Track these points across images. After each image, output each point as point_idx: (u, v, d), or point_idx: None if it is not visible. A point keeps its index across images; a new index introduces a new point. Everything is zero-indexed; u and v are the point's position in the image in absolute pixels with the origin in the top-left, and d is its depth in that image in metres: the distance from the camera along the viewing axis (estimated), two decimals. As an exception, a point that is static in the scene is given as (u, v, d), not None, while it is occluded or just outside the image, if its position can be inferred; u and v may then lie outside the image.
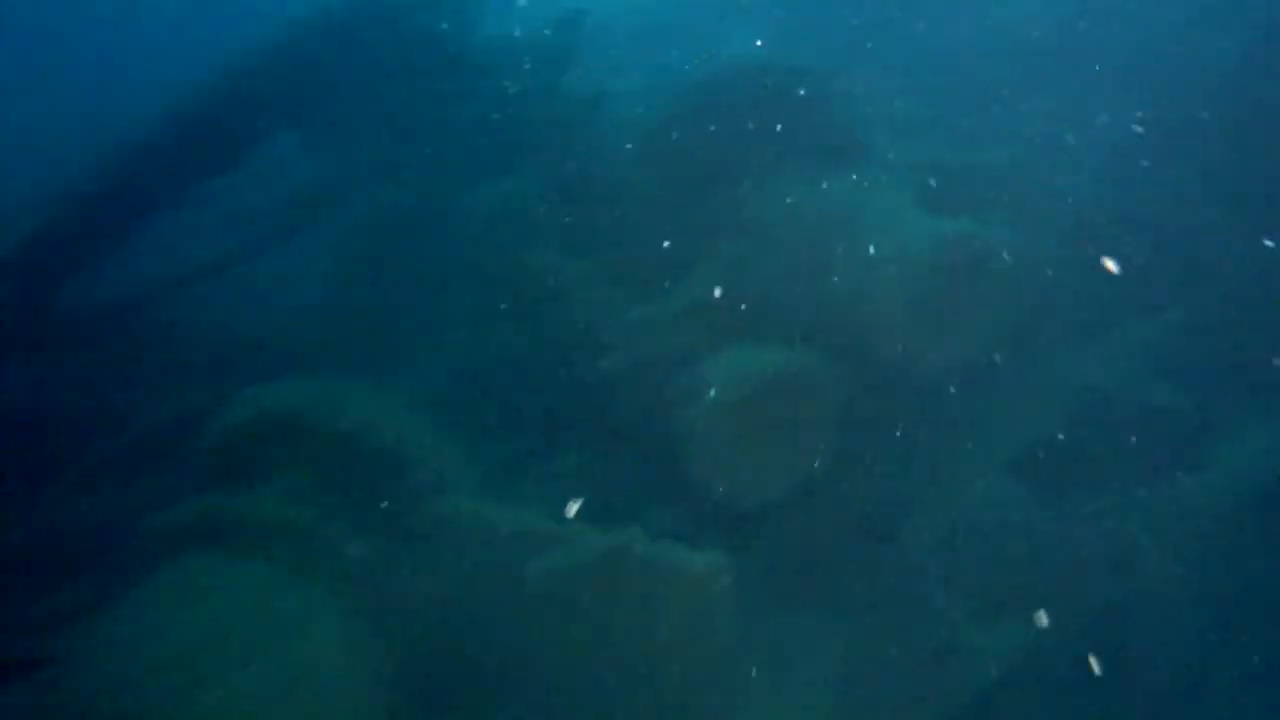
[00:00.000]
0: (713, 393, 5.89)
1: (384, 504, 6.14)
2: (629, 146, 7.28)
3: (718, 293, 6.77)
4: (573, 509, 5.89)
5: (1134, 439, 7.16)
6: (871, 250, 6.57)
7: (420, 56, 10.49)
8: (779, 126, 7.23)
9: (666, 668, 5.42)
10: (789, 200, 6.89)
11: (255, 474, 6.21)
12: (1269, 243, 7.82)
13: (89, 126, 11.37)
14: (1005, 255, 6.66)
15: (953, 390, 6.77)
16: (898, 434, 6.79)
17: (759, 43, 10.43)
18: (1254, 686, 6.90)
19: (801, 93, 7.33)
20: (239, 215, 10.65)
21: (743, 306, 6.75)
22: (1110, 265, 7.33)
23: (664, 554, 5.41)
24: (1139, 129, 8.92)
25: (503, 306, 7.69)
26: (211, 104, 10.38)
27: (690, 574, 5.32)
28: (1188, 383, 7.54)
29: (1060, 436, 7.16)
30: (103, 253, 10.36)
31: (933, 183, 7.65)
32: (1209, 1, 9.42)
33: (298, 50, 10.62)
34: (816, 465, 6.14)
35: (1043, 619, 6.13)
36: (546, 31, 10.17)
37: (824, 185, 6.90)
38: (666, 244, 7.09)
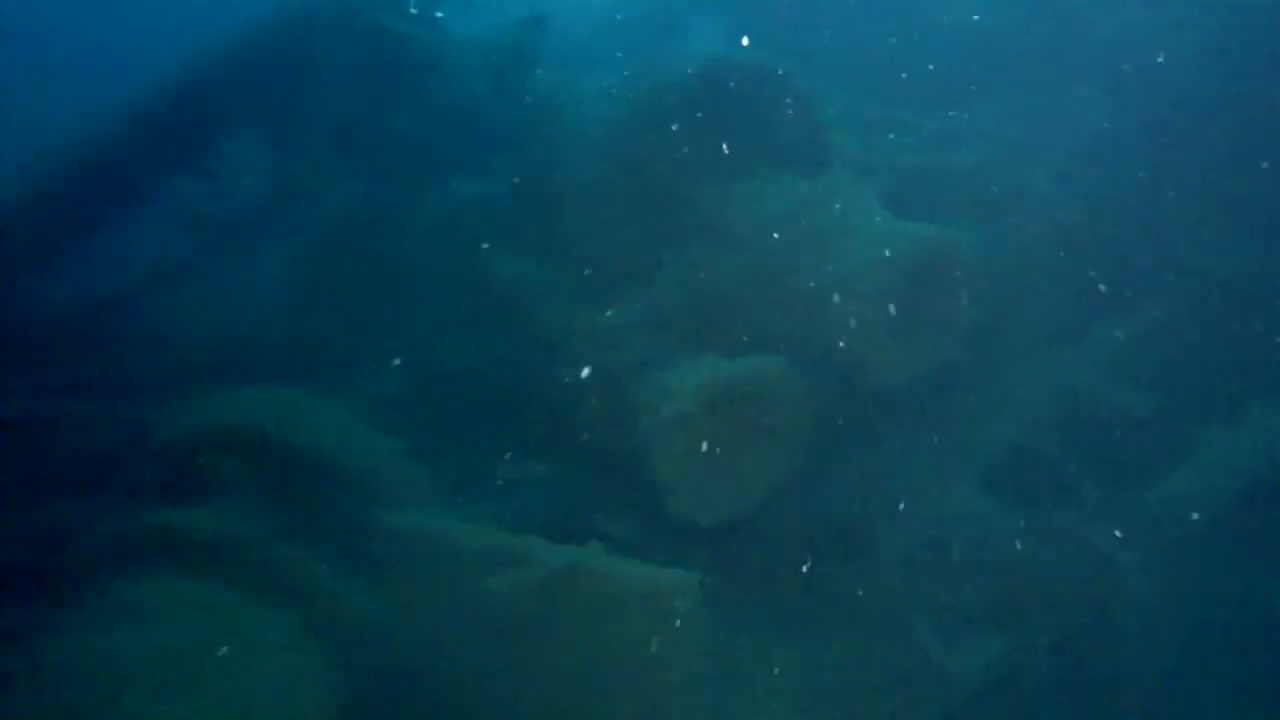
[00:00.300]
0: (677, 401, 5.69)
1: (339, 519, 5.94)
2: (593, 148, 7.09)
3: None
4: None
5: (1108, 446, 7.07)
6: (840, 254, 6.42)
7: (383, 56, 10.30)
8: (747, 128, 7.07)
9: (628, 687, 5.25)
10: (756, 203, 6.72)
11: (206, 488, 6.00)
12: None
13: (45, 126, 11.13)
14: (976, 258, 6.52)
15: (923, 397, 6.64)
16: (867, 443, 6.66)
17: (726, 42, 10.31)
18: (1235, 700, 6.82)
19: (770, 93, 7.18)
20: (198, 219, 10.44)
21: (708, 312, 6.58)
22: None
23: (627, 569, 5.21)
24: (1108, 129, 8.86)
25: (463, 313, 7.51)
26: (173, 103, 10.16)
27: (654, 590, 5.13)
28: (1163, 388, 7.45)
29: (1033, 444, 7.05)
30: (55, 257, 10.12)
31: (902, 185, 7.53)
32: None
33: (260, 49, 10.41)
34: (784, 476, 5.97)
35: None
36: (513, 30, 10.00)
37: (792, 188, 6.75)
38: (631, 248, 6.91)
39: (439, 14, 10.86)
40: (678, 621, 5.12)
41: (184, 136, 10.35)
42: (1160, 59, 9.03)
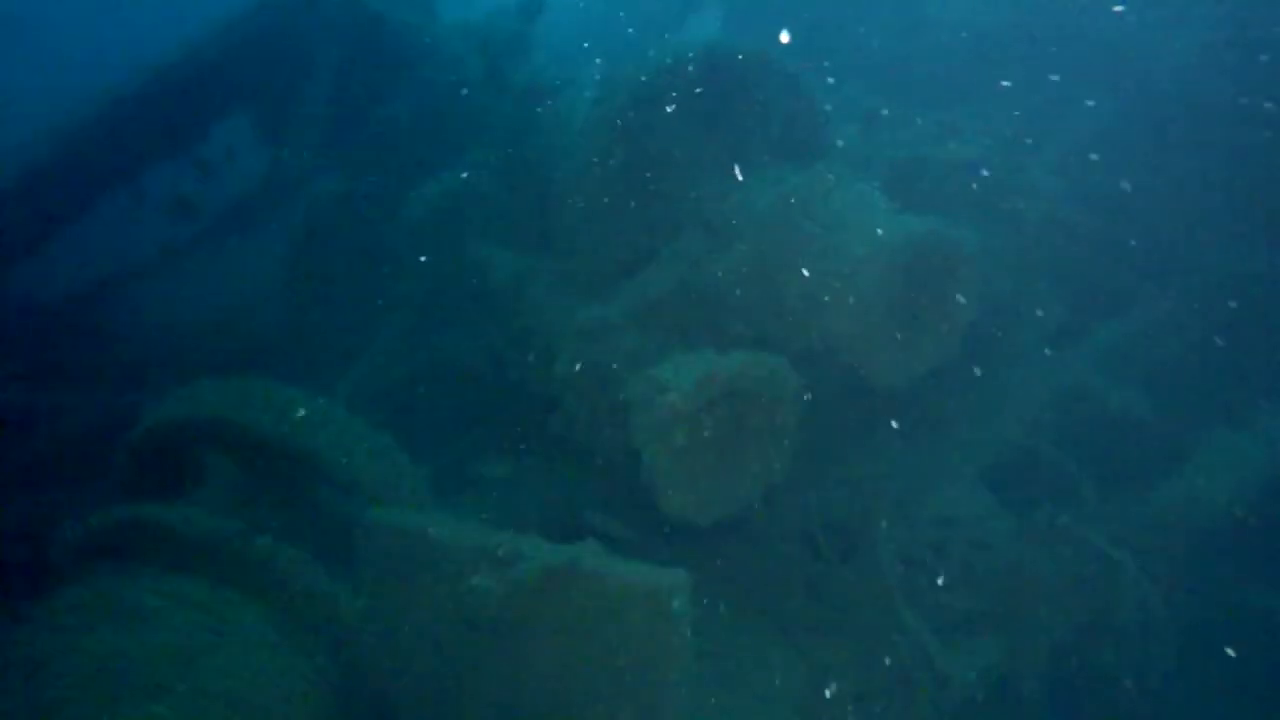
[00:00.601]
0: (671, 397, 5.57)
1: (332, 515, 5.83)
2: (587, 139, 6.95)
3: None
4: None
5: (1109, 447, 7.00)
6: (839, 249, 6.31)
7: (375, 44, 10.19)
8: (745, 119, 6.95)
9: (623, 687, 5.13)
10: (754, 196, 6.60)
11: (183, 481, 5.88)
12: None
13: (35, 111, 11.01)
14: (975, 255, 6.41)
15: (920, 397, 6.54)
16: (862, 443, 6.56)
17: (723, 31, 10.21)
18: (1235, 704, 6.77)
19: (766, 85, 7.05)
20: (181, 210, 10.33)
21: (704, 307, 6.47)
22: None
23: (621, 568, 5.06)
24: (1110, 126, 8.79)
25: (450, 306, 7.39)
26: (163, 89, 10.03)
27: (650, 590, 4.98)
28: (1165, 388, 7.39)
29: (1033, 445, 6.98)
30: (43, 244, 9.99)
31: (902, 180, 7.44)
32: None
33: (251, 35, 10.30)
34: (781, 475, 5.85)
35: None
36: (507, 18, 9.88)
37: (788, 181, 6.61)
38: (625, 241, 6.79)
39: (433, 2, 10.78)
40: (674, 621, 5.02)
41: (175, 123, 10.24)
42: (1162, 56, 8.97)
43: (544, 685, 5.19)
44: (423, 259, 7.87)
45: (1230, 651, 6.92)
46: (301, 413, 6.05)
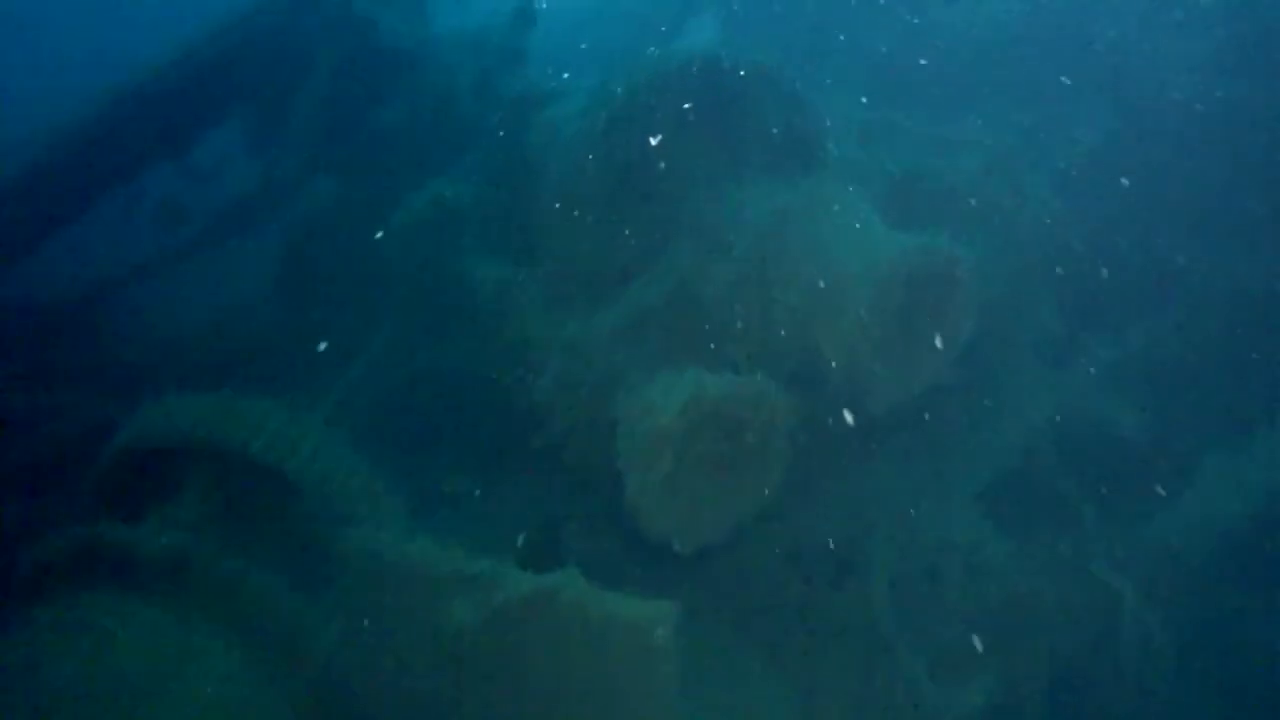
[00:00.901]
0: (657, 418, 5.41)
1: (302, 537, 5.66)
2: (576, 149, 6.80)
3: None
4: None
5: (1108, 470, 6.85)
6: (833, 264, 6.15)
7: (368, 52, 10.06)
8: (736, 129, 6.79)
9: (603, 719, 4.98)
10: (743, 209, 6.44)
11: (153, 498, 5.72)
12: None
13: (27, 113, 10.89)
14: (971, 271, 6.25)
15: (913, 418, 6.38)
16: (858, 464, 6.40)
17: (718, 40, 10.07)
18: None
19: (761, 94, 6.89)
20: (170, 214, 10.21)
21: (693, 323, 6.31)
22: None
23: (604, 597, 4.90)
24: (1111, 139, 8.67)
25: (435, 319, 7.24)
26: (156, 94, 9.90)
27: (633, 620, 4.84)
28: (1166, 409, 7.24)
29: (1030, 467, 6.82)
30: (33, 248, 9.85)
31: (897, 193, 7.30)
32: (1178, 6, 9.19)
33: (244, 41, 10.15)
34: (768, 500, 5.68)
35: None
36: (499, 26, 9.76)
37: (782, 193, 6.46)
38: (611, 254, 6.63)
39: (425, 10, 10.67)
40: (658, 653, 4.85)
41: (166, 128, 10.11)
42: (1162, 66, 8.85)
43: (527, 714, 5.04)
44: (414, 268, 7.73)
45: (1229, 670, 6.81)
46: (283, 430, 5.88)
